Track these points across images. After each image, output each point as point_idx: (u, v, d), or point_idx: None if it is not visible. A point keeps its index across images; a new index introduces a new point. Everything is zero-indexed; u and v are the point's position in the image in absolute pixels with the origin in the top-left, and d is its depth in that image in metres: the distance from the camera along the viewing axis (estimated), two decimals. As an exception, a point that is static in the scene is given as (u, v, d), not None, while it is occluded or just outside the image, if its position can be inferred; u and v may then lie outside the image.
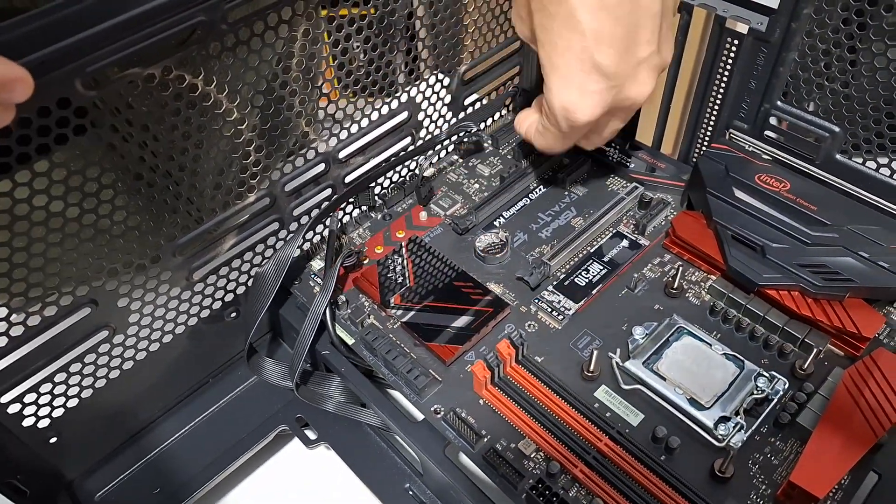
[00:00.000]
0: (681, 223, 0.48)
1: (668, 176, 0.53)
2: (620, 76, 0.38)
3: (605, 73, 0.38)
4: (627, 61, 0.38)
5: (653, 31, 0.38)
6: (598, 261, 0.48)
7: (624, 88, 0.39)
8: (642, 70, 0.39)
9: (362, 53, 0.47)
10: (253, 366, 0.48)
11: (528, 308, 0.46)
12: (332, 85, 0.46)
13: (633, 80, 0.39)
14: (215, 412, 0.50)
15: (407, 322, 0.45)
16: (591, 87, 0.39)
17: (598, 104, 0.39)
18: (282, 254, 0.46)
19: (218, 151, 0.41)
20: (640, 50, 0.38)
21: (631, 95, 0.40)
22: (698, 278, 0.47)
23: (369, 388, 0.44)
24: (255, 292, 0.47)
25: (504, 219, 0.52)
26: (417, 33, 0.50)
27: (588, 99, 0.39)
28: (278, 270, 0.46)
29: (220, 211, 0.44)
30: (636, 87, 0.40)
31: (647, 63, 0.39)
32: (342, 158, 0.49)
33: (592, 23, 0.36)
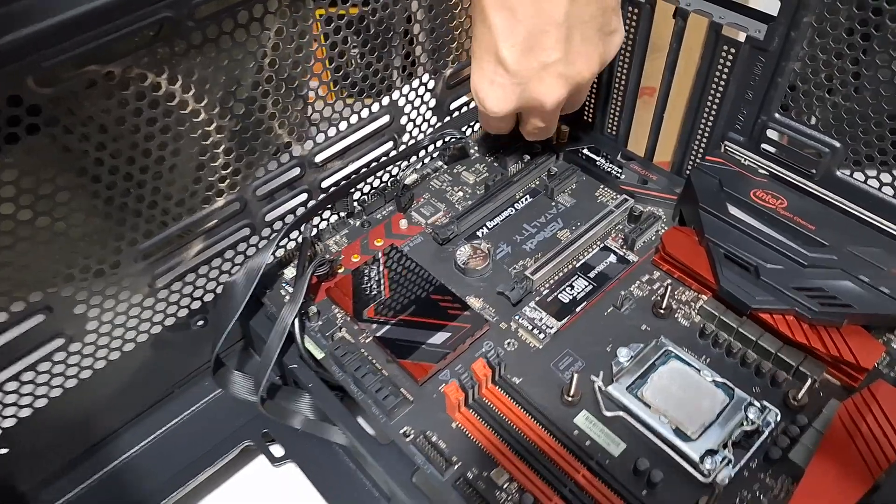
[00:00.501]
0: (671, 239, 0.46)
1: (659, 189, 0.51)
2: (523, 75, 0.41)
3: (508, 68, 0.41)
4: (529, 62, 0.40)
5: (558, 39, 0.40)
6: (583, 276, 0.46)
7: (529, 88, 0.42)
8: (548, 75, 0.41)
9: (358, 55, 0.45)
10: (219, 378, 0.46)
11: (508, 325, 0.44)
12: (328, 88, 0.44)
13: (538, 82, 0.41)
14: (179, 424, 0.48)
15: (380, 337, 0.42)
16: (497, 80, 0.42)
17: (503, 98, 0.43)
18: (253, 262, 0.44)
19: (183, 154, 0.39)
20: (544, 54, 0.40)
21: (537, 97, 0.42)
22: (688, 298, 0.45)
23: (337, 406, 0.42)
24: (224, 302, 0.44)
25: (487, 229, 0.50)
26: (416, 35, 0.47)
27: (495, 90, 0.43)
28: (248, 279, 0.44)
29: (186, 215, 0.41)
30: (542, 89, 0.42)
31: (552, 69, 0.41)
32: (319, 163, 0.47)
33: (496, 19, 0.40)
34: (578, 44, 0.41)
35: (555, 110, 0.45)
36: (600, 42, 0.43)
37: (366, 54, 0.45)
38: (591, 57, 0.42)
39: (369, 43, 0.45)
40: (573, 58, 0.41)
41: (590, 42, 0.42)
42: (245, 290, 0.43)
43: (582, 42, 0.41)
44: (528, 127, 0.48)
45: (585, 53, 0.42)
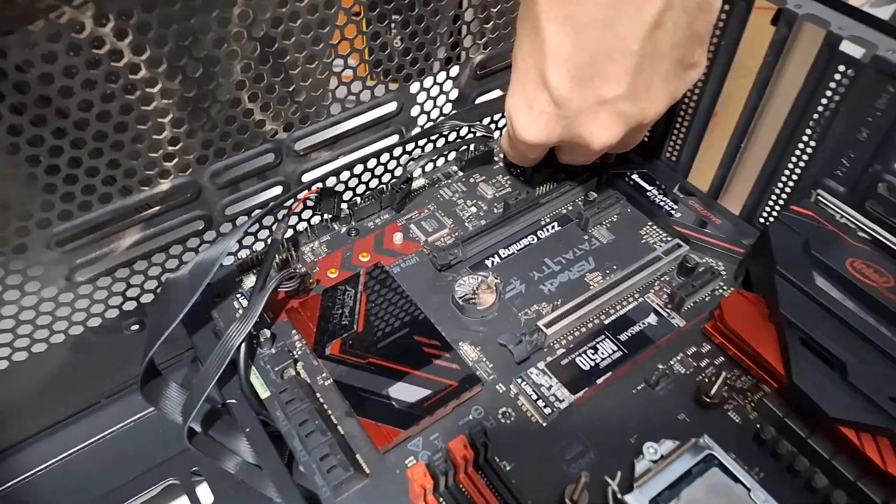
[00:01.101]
0: (733, 307, 0.35)
1: (723, 236, 0.41)
2: (573, 108, 0.33)
3: (556, 96, 0.33)
4: (584, 94, 0.33)
5: (626, 70, 0.32)
6: (611, 338, 0.36)
7: (577, 124, 0.34)
8: (604, 112, 0.33)
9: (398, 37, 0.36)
10: (149, 393, 0.37)
11: (507, 388, 0.34)
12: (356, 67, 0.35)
13: (589, 118, 0.34)
14: (98, 444, 0.40)
15: (341, 382, 0.33)
16: (539, 106, 0.34)
17: (542, 128, 0.35)
18: (205, 257, 0.35)
19: (114, 119, 0.30)
20: (604, 87, 0.32)
21: (584, 136, 0.34)
22: (745, 386, 0.35)
23: (275, 462, 0.33)
24: (163, 303, 0.36)
25: (499, 259, 0.40)
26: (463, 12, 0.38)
27: (534, 118, 0.35)
28: (196, 278, 0.35)
29: (118, 197, 0.33)
30: (592, 127, 0.34)
31: (611, 106, 0.33)
32: (300, 151, 0.38)
33: (554, 35, 0.32)
34: (648, 78, 0.32)
35: (601, 151, 0.36)
36: (675, 77, 0.34)
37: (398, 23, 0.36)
38: (660, 95, 0.34)
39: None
40: (638, 94, 0.33)
41: (662, 77, 0.33)
42: (190, 290, 0.34)
43: (653, 77, 0.33)
44: (564, 157, 0.40)
45: (654, 90, 0.33)
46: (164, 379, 0.36)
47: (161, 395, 0.37)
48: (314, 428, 0.31)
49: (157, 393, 0.36)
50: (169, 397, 0.36)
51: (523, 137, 0.36)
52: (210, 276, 0.34)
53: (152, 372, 0.36)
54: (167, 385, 0.37)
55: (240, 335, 0.34)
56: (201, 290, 0.34)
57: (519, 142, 0.37)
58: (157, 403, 0.36)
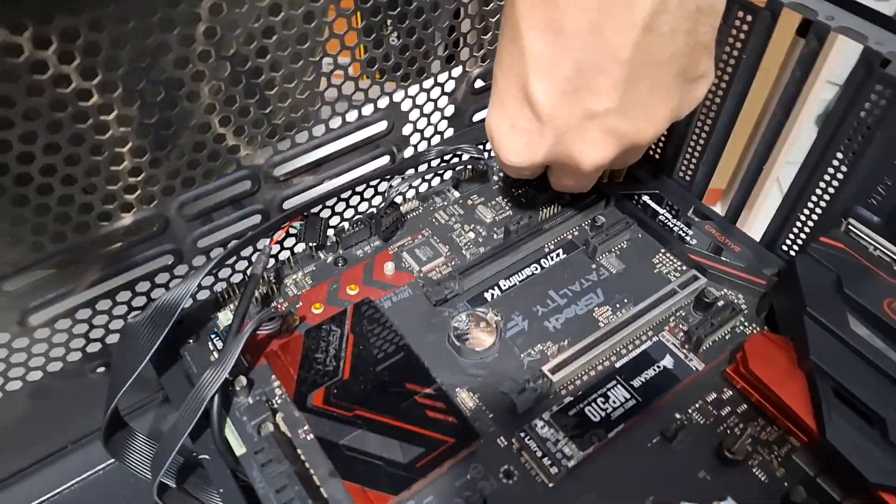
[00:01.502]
0: (757, 351, 0.32)
1: (742, 265, 0.37)
2: (559, 125, 0.30)
3: (539, 111, 0.30)
4: (571, 109, 0.29)
5: (616, 82, 0.28)
6: (624, 384, 0.33)
7: (563, 141, 0.31)
8: (592, 129, 0.30)
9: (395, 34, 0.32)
10: (114, 446, 0.33)
11: (508, 443, 0.31)
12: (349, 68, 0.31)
13: (577, 136, 0.30)
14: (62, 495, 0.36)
15: (324, 439, 0.30)
16: (522, 124, 0.31)
17: (526, 149, 0.32)
18: (166, 299, 0.31)
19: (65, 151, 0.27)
20: (593, 100, 0.29)
21: (572, 155, 0.31)
22: (772, 438, 0.31)
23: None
24: (123, 350, 0.32)
25: (500, 292, 0.36)
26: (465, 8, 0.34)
27: (515, 137, 0.31)
28: (158, 323, 0.31)
29: (74, 235, 0.29)
30: (581, 146, 0.31)
31: (601, 122, 0.29)
32: (279, 177, 0.34)
33: (535, 43, 0.28)
34: (645, 92, 0.29)
35: (594, 173, 0.33)
36: (677, 91, 0.30)
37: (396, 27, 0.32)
38: (659, 111, 0.30)
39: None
40: (633, 110, 0.29)
41: (661, 91, 0.29)
42: (152, 336, 0.31)
43: (650, 90, 0.29)
44: (555, 180, 0.36)
45: (652, 106, 0.30)
46: (130, 430, 0.33)
47: (127, 449, 0.33)
48: (293, 496, 0.28)
49: (123, 446, 0.33)
50: (135, 450, 0.33)
51: (506, 160, 0.33)
52: (173, 319, 0.30)
53: (116, 423, 0.33)
54: (133, 437, 0.33)
55: (213, 385, 0.30)
56: (164, 334, 0.30)
57: (503, 165, 0.34)
58: (123, 458, 0.33)
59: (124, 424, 0.33)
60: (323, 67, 0.31)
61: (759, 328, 0.36)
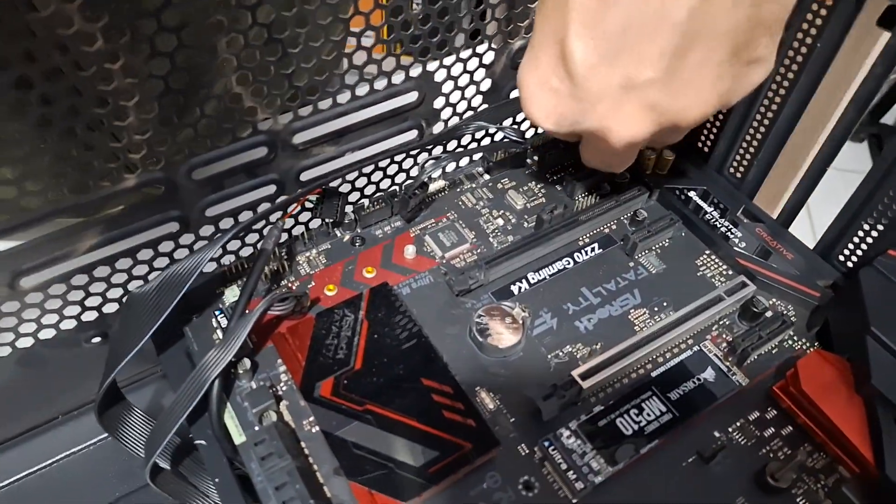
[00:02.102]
0: (811, 369, 0.29)
1: (793, 274, 0.34)
2: (593, 90, 0.27)
3: (573, 72, 0.26)
4: (609, 74, 0.26)
5: (664, 49, 0.25)
6: (660, 396, 0.30)
7: (596, 112, 0.27)
8: (629, 100, 0.27)
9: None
10: (107, 420, 0.31)
11: (530, 452, 0.28)
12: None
13: (611, 108, 0.27)
14: (51, 469, 0.34)
15: (330, 434, 0.28)
16: (553, 83, 0.28)
17: (553, 111, 0.28)
18: (174, 271, 0.29)
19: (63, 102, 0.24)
20: (635, 68, 0.25)
21: (603, 127, 0.28)
22: (819, 465, 0.29)
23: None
24: (125, 323, 0.30)
25: (528, 285, 0.34)
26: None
27: (545, 97, 0.28)
28: (163, 297, 0.29)
29: (71, 194, 0.27)
30: (614, 119, 0.27)
31: (640, 94, 0.26)
32: (298, 145, 0.31)
33: None
34: (694, 66, 0.25)
35: (626, 151, 0.29)
36: (729, 72, 0.26)
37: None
38: (707, 91, 0.26)
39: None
40: (678, 86, 0.26)
41: (712, 69, 0.26)
42: (156, 310, 0.29)
43: (700, 66, 0.25)
44: (584, 153, 0.33)
45: (699, 84, 0.26)
46: (127, 405, 0.31)
47: (121, 424, 0.31)
48: (294, 494, 0.25)
49: (118, 421, 0.31)
50: (131, 426, 0.31)
51: (532, 118, 0.30)
52: (180, 294, 0.28)
53: (113, 396, 0.30)
54: (129, 412, 0.31)
55: (216, 367, 0.28)
56: (169, 310, 0.28)
57: (527, 117, 0.30)
58: (117, 433, 0.31)
59: (121, 398, 0.31)
60: (352, 26, 0.28)
61: (809, 344, 0.33)
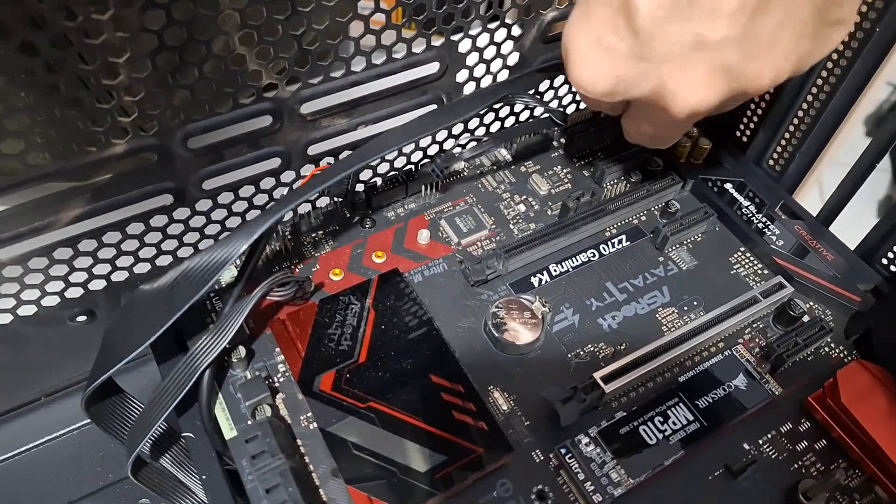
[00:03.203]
0: (851, 381, 0.27)
1: (835, 276, 0.32)
2: (658, 49, 0.23)
3: (637, 26, 0.23)
4: (679, 30, 0.23)
5: (742, 6, 0.22)
6: (686, 403, 0.28)
7: (659, 74, 0.24)
8: (699, 62, 0.24)
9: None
10: (96, 411, 0.28)
11: (545, 457, 0.26)
12: None
13: (677, 70, 0.24)
14: (31, 454, 0.32)
15: (329, 432, 0.25)
16: (609, 40, 0.24)
17: (607, 74, 0.25)
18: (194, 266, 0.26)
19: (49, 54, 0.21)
20: (709, 25, 0.22)
21: (668, 93, 0.25)
22: (854, 485, 0.27)
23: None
24: (126, 319, 0.27)
25: (549, 277, 0.31)
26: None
27: (598, 57, 0.25)
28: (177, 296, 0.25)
29: (54, 158, 0.24)
30: (680, 83, 0.24)
31: (712, 54, 0.23)
32: (306, 115, 0.29)
33: None
34: (773, 26, 0.23)
35: (687, 120, 0.26)
36: (810, 33, 0.24)
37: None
38: (784, 56, 0.24)
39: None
40: (755, 46, 0.23)
41: (793, 28, 0.23)
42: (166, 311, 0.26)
43: (780, 25, 0.23)
44: (632, 125, 0.29)
45: (778, 45, 0.23)
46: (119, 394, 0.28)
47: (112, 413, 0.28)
48: (286, 497, 0.23)
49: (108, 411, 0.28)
50: (122, 415, 0.28)
51: (580, 83, 0.26)
52: (199, 293, 0.25)
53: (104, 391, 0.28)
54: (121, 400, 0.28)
55: (209, 355, 0.26)
56: (183, 310, 0.25)
57: (577, 89, 0.27)
58: (106, 423, 0.28)
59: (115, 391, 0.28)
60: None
61: (847, 353, 0.30)
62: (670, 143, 0.30)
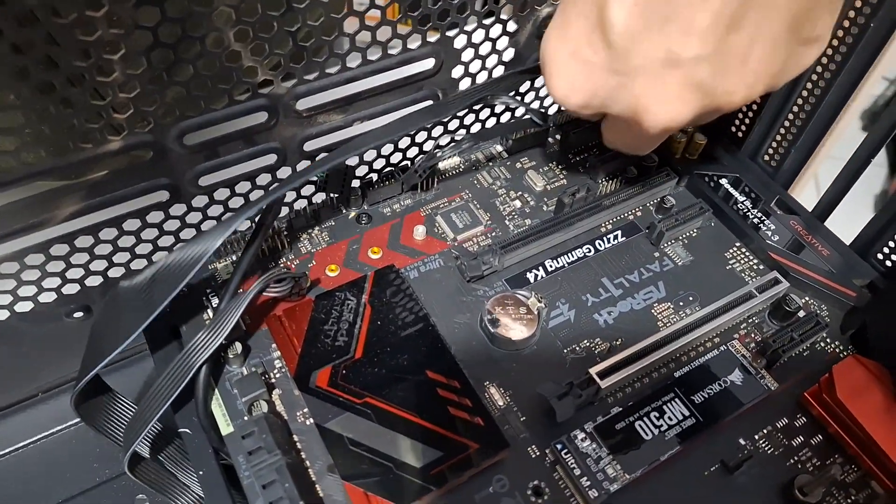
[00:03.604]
0: (847, 376, 0.27)
1: (827, 271, 0.32)
2: (632, 64, 0.24)
3: (611, 40, 0.23)
4: (653, 46, 0.23)
5: (716, 22, 0.22)
6: (682, 398, 0.28)
7: (632, 89, 0.25)
8: (673, 78, 0.24)
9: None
10: (86, 410, 0.28)
11: (541, 453, 0.26)
12: None
13: (651, 86, 0.24)
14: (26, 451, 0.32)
15: (325, 428, 0.25)
16: (585, 53, 0.24)
17: (583, 86, 0.25)
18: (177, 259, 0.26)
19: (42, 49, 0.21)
20: (682, 42, 0.23)
21: (642, 109, 0.25)
22: (850, 480, 0.27)
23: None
24: (111, 314, 0.27)
25: (545, 273, 0.31)
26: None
27: (574, 69, 0.25)
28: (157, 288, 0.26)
29: (49, 155, 0.24)
30: (653, 100, 0.24)
31: (685, 71, 0.23)
32: (302, 111, 0.29)
33: None
34: (745, 43, 0.23)
35: (661, 134, 0.26)
36: (784, 50, 0.24)
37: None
38: (757, 73, 0.24)
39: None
40: (727, 64, 0.23)
41: (766, 46, 0.23)
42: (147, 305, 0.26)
43: (752, 42, 0.23)
44: (608, 134, 0.29)
45: (750, 62, 0.24)
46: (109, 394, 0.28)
47: (102, 413, 0.28)
48: (282, 494, 0.23)
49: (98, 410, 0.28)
50: (112, 415, 0.28)
51: (556, 95, 0.26)
52: (178, 289, 0.25)
53: (92, 390, 0.28)
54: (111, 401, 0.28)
55: (204, 352, 0.26)
56: (162, 307, 0.25)
57: (552, 95, 0.27)
58: (97, 423, 0.28)
59: (104, 390, 0.28)
60: (366, -18, 0.25)
61: (843, 348, 0.30)
62: (647, 152, 0.30)
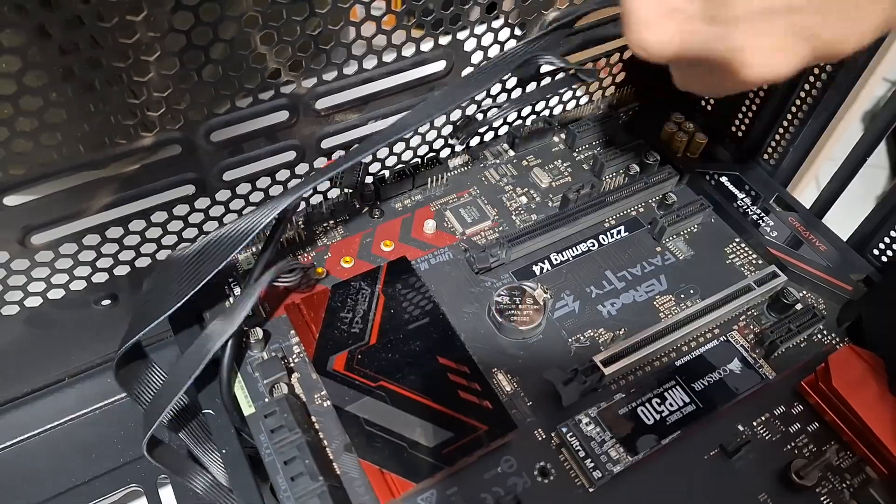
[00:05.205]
0: (843, 366, 0.28)
1: (825, 266, 0.33)
2: (730, 9, 0.21)
3: None
4: None
5: None
6: (683, 386, 0.29)
7: (729, 40, 0.21)
8: (778, 25, 0.21)
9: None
10: (124, 378, 0.30)
11: (547, 436, 0.28)
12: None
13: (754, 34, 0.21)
14: (56, 431, 0.34)
15: (342, 409, 0.27)
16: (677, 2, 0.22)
17: (673, 36, 0.22)
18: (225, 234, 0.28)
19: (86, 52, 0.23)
20: None
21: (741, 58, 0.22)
22: (845, 465, 0.28)
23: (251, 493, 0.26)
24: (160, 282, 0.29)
25: (550, 266, 0.33)
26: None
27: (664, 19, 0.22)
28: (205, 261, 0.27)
29: (87, 150, 0.26)
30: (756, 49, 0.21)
31: (792, 18, 0.21)
32: (321, 110, 0.30)
33: None
34: None
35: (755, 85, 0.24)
36: None
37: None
38: (870, 14, 0.21)
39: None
40: (839, 9, 0.21)
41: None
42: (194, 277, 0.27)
43: None
44: (684, 80, 0.26)
45: (862, 6, 0.21)
46: (147, 363, 0.30)
47: (139, 382, 0.30)
48: (303, 469, 0.25)
49: (136, 379, 0.30)
50: (148, 385, 0.30)
51: (644, 48, 0.23)
52: (224, 262, 0.27)
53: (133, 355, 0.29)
54: (149, 370, 0.30)
55: (221, 336, 0.27)
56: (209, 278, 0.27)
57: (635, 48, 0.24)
58: (133, 391, 0.29)
59: (143, 355, 0.30)
60: (383, -12, 0.27)
61: (839, 339, 0.31)
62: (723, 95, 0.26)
